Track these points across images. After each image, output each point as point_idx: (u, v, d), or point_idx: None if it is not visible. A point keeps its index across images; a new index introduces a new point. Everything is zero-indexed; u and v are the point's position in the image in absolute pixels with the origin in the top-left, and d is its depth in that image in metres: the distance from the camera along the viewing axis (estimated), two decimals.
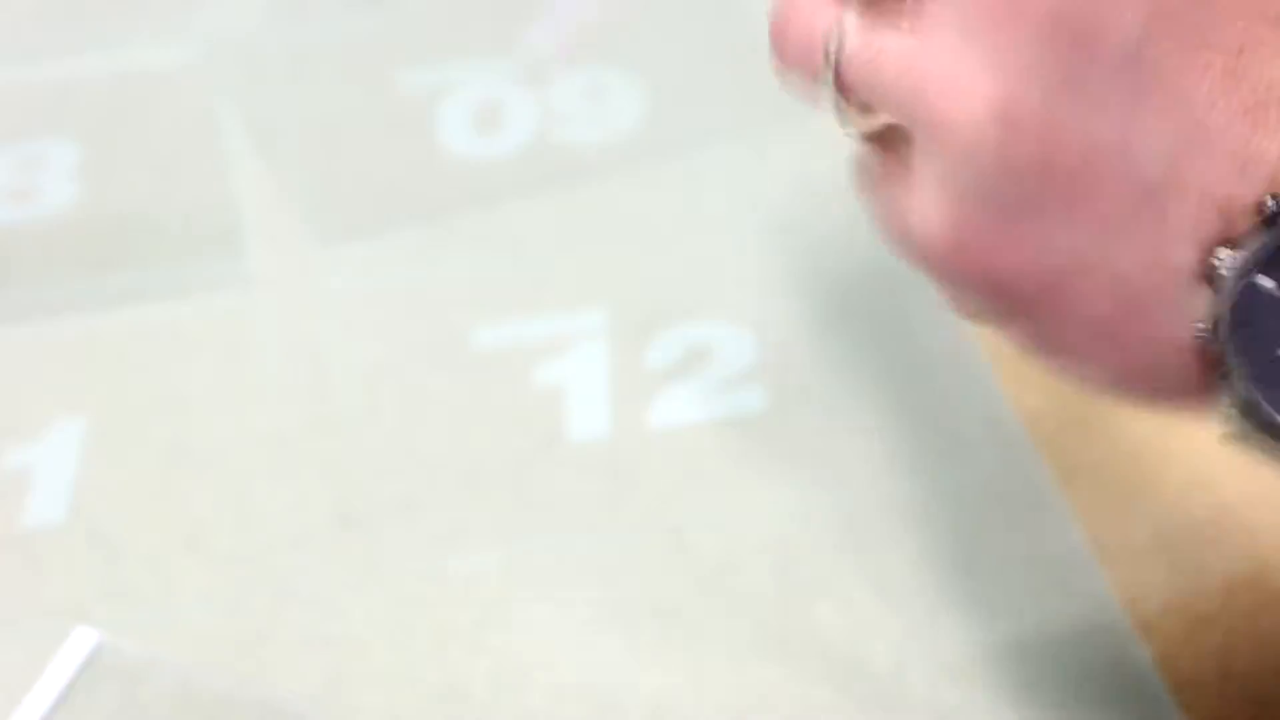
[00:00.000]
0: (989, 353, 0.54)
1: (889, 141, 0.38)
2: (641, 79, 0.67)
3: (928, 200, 0.33)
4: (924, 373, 0.54)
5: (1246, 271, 0.30)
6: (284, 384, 0.54)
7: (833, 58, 0.37)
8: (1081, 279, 0.32)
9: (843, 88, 0.37)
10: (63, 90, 0.67)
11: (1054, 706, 0.44)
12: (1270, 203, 0.29)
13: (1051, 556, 0.48)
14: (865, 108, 0.37)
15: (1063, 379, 0.34)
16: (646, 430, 0.52)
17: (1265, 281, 0.30)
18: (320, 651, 0.46)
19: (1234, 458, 0.50)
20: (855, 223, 0.60)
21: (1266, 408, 0.31)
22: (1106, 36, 0.30)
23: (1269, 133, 0.29)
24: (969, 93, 0.31)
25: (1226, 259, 0.30)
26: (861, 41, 0.36)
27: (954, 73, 0.31)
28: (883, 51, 0.35)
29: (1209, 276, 0.31)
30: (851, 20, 0.36)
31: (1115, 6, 0.30)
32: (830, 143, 0.64)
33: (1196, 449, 0.51)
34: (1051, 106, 0.30)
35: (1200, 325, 0.31)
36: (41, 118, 0.66)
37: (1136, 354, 0.33)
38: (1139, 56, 0.30)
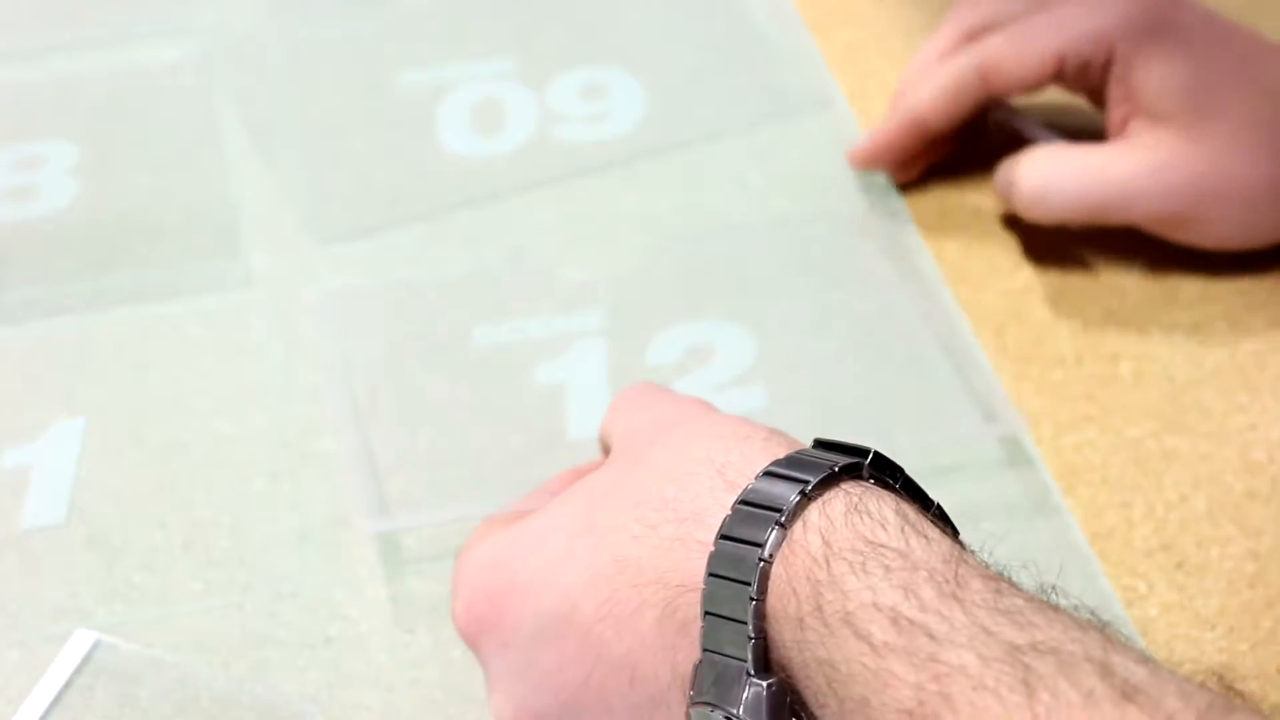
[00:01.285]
0: (990, 353, 0.54)
1: None
2: (641, 79, 0.67)
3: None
4: (924, 373, 0.54)
5: None
6: (284, 384, 0.54)
7: None
8: None
9: None
10: (62, 90, 0.67)
11: None
12: None
13: (1052, 557, 0.48)
14: None
15: None
16: None
17: None
18: (320, 651, 0.46)
19: (1233, 458, 0.51)
20: (854, 223, 0.60)
21: None
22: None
23: None
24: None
25: None
26: None
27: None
28: None
29: None
30: None
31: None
32: (829, 143, 0.64)
33: (1196, 449, 0.51)
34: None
35: None
36: (41, 118, 0.66)
37: None
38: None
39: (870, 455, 0.37)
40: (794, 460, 0.37)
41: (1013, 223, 0.59)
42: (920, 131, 0.59)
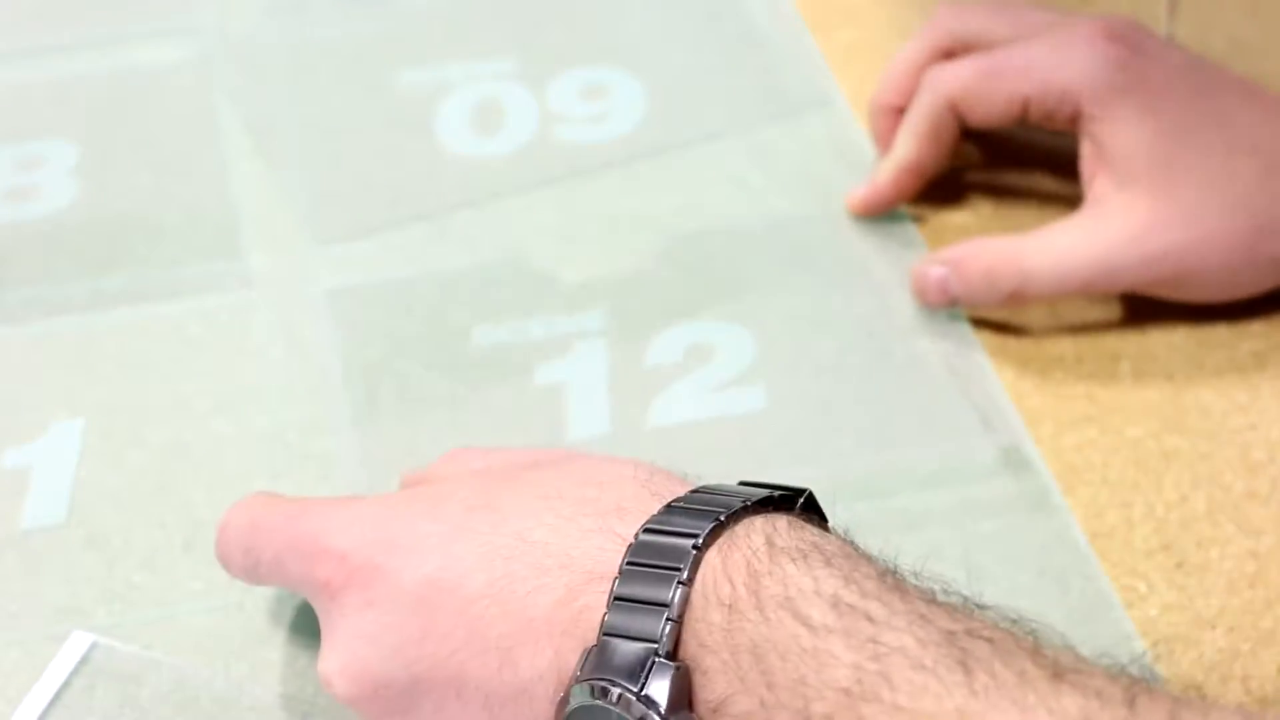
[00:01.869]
0: (990, 353, 0.54)
1: None
2: (641, 79, 0.67)
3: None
4: (924, 373, 0.54)
5: None
6: (284, 384, 0.54)
7: None
8: None
9: None
10: (62, 90, 0.67)
11: None
12: None
13: (1052, 557, 0.48)
14: None
15: None
16: (646, 428, 0.52)
17: None
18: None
19: (1234, 458, 0.51)
20: (854, 223, 0.60)
21: None
22: None
23: None
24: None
25: None
26: None
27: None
28: None
29: None
30: None
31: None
32: (829, 143, 0.64)
33: (1196, 449, 0.51)
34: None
35: None
36: (41, 118, 0.66)
37: None
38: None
39: (805, 494, 0.38)
40: (720, 489, 0.38)
41: (1013, 223, 0.59)
42: (917, 174, 0.58)
